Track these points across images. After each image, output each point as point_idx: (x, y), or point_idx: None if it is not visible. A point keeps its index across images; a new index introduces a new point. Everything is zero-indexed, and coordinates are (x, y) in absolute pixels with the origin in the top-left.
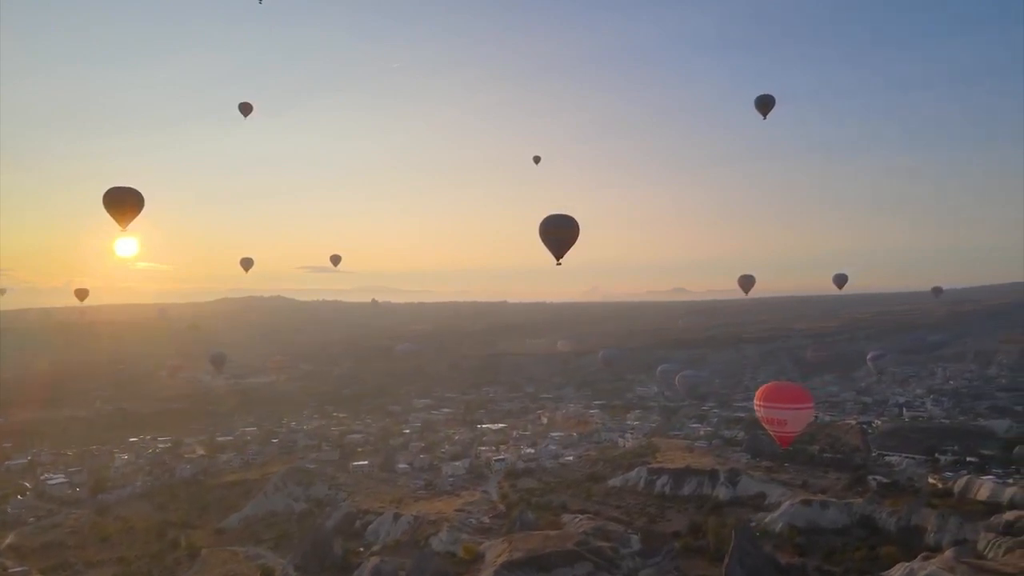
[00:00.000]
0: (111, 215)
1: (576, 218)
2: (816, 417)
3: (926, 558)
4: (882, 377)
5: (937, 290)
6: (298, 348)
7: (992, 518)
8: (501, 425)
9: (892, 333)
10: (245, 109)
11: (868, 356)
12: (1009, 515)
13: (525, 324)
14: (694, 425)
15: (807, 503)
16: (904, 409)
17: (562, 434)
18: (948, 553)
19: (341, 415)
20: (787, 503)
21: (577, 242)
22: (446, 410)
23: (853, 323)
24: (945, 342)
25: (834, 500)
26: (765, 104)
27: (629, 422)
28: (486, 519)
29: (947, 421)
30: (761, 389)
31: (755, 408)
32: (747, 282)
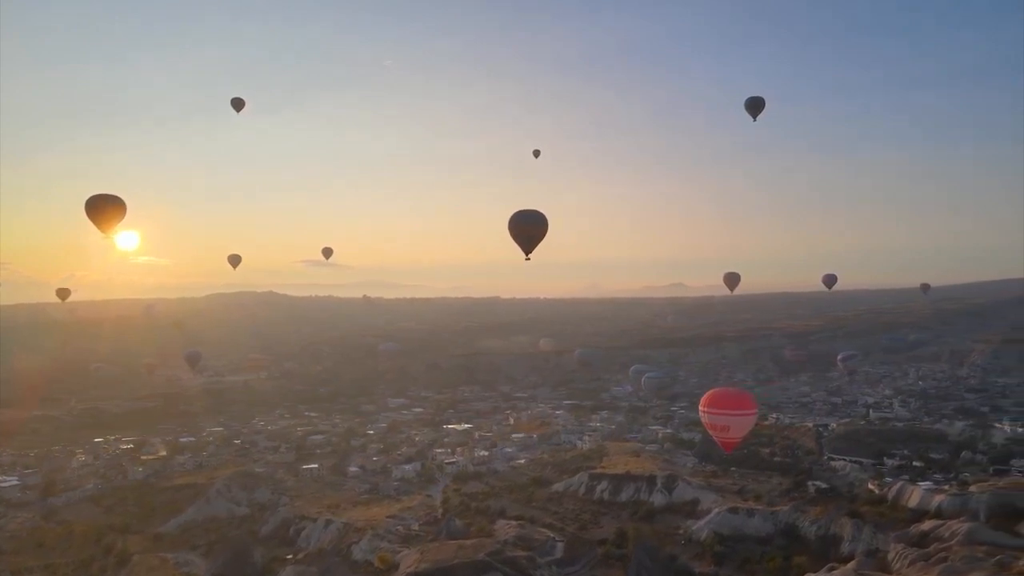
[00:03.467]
0: (93, 222)
1: (545, 214)
2: (777, 419)
3: (830, 569)
4: (853, 377)
5: (925, 287)
6: (283, 345)
7: (911, 527)
8: (467, 426)
9: (874, 332)
10: (238, 104)
11: (839, 357)
12: (927, 524)
13: (515, 321)
14: (654, 427)
15: (734, 511)
16: (871, 410)
17: (523, 436)
18: (851, 565)
19: (312, 415)
20: (715, 510)
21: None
22: (417, 410)
23: (836, 322)
24: (925, 341)
25: (760, 508)
26: (755, 106)
27: (592, 424)
28: (416, 526)
29: (901, 424)
30: (706, 395)
31: (700, 414)
32: (732, 279)
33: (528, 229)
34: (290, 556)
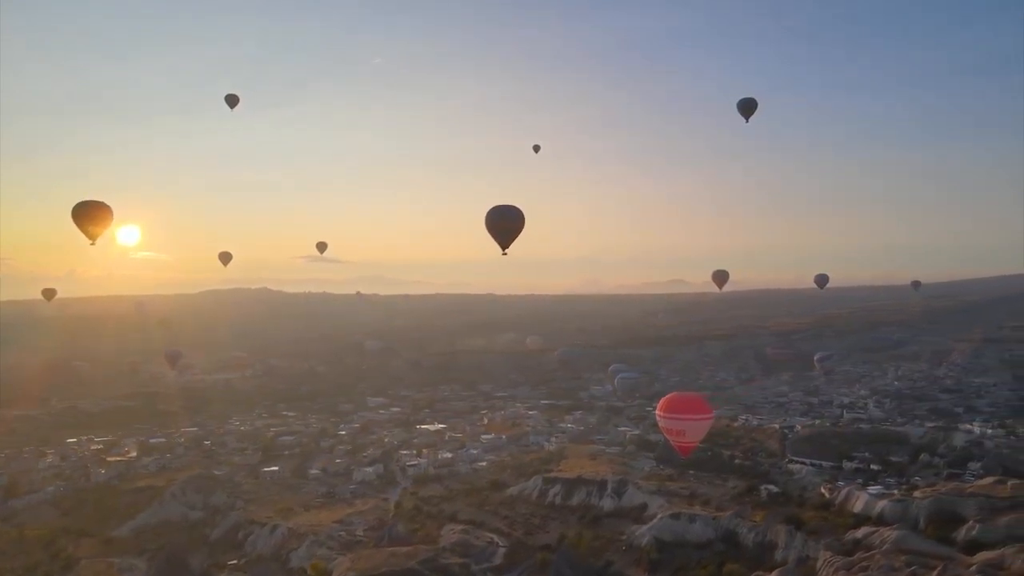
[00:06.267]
0: (80, 228)
1: (521, 209)
2: (746, 420)
3: None
4: (831, 377)
5: (916, 284)
6: (272, 343)
7: (847, 534)
8: (440, 426)
9: (861, 330)
10: (232, 101)
11: (816, 357)
12: (860, 531)
13: (507, 319)
14: (622, 428)
15: (676, 516)
16: (845, 411)
17: (492, 437)
18: (775, 573)
19: (290, 415)
20: (658, 516)
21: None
22: (395, 409)
23: (824, 320)
24: (908, 340)
25: (702, 513)
26: (748, 107)
27: (564, 425)
28: (361, 531)
29: (867, 426)
30: (663, 399)
31: (656, 419)
32: (721, 277)
33: (504, 224)
34: (233, 562)
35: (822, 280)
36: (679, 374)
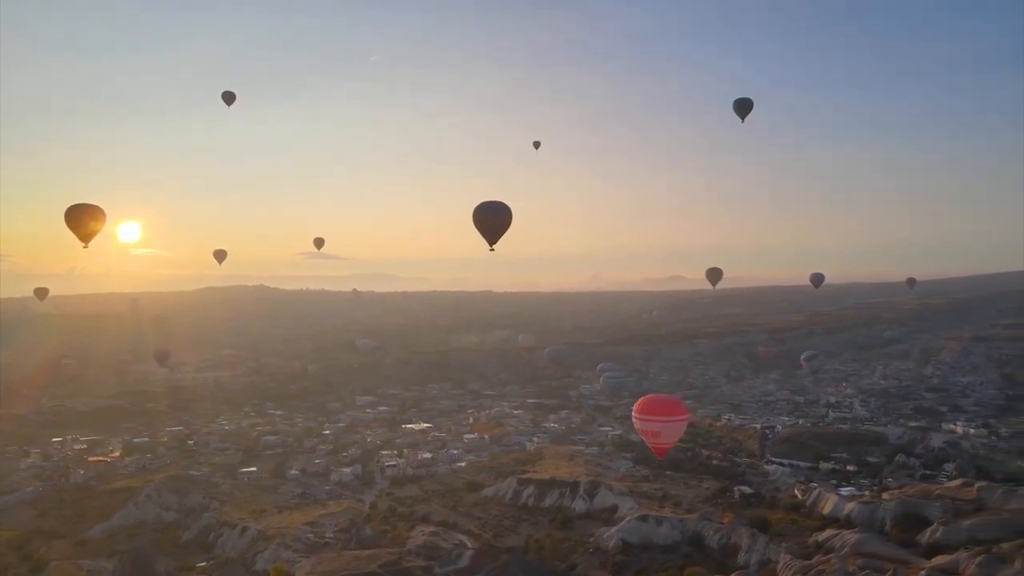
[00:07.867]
0: (73, 232)
1: (509, 205)
2: (729, 419)
3: None
4: (818, 376)
5: (911, 281)
6: (265, 341)
7: (812, 537)
8: (426, 425)
9: (853, 328)
10: (228, 98)
11: (802, 356)
12: (824, 534)
13: (501, 316)
14: (604, 428)
15: (643, 519)
16: (831, 410)
17: (475, 437)
18: (735, 575)
19: (277, 414)
20: (627, 518)
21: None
22: (383, 408)
23: (816, 318)
24: (899, 339)
25: (670, 516)
26: (743, 107)
27: (548, 424)
28: (329, 534)
29: (847, 426)
30: (639, 401)
31: (633, 420)
32: (715, 275)
33: (490, 219)
34: (202, 564)
35: (818, 279)
36: (668, 373)
